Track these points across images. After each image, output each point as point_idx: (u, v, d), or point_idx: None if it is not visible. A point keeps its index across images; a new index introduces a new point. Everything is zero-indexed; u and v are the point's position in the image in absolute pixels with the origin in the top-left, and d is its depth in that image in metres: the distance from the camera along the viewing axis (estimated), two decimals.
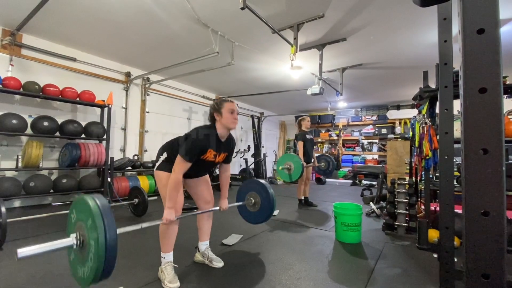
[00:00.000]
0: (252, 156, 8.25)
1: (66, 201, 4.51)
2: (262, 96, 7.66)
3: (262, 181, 2.65)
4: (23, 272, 2.01)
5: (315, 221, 3.74)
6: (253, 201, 2.62)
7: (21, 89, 3.89)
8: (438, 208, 2.42)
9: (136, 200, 3.68)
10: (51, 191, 4.12)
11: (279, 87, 6.91)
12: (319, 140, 10.77)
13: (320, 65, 4.44)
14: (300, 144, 4.63)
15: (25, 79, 4.01)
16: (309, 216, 4.05)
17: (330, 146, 10.50)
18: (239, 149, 7.94)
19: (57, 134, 4.25)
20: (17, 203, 4.09)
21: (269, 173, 10.34)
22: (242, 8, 2.67)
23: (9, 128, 3.70)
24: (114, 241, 1.20)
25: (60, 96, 4.25)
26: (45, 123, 4.03)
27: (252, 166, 8.18)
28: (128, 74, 5.57)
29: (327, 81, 5.65)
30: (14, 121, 3.73)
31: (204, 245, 2.28)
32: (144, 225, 1.74)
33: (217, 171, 6.28)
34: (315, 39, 4.14)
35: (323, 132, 10.68)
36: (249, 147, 8.10)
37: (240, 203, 2.64)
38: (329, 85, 5.72)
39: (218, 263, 2.19)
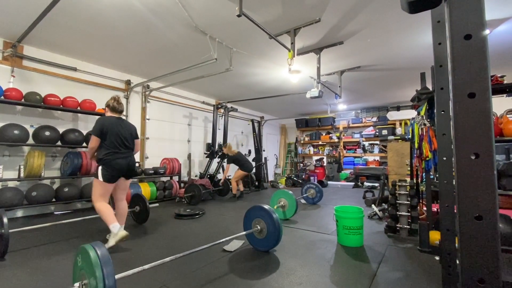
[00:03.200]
0: (253, 160, 8.25)
1: (68, 209, 4.52)
2: (262, 100, 7.69)
3: (266, 206, 2.69)
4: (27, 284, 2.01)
5: (317, 225, 3.72)
6: (259, 228, 2.67)
7: (23, 100, 3.94)
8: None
9: (138, 207, 3.68)
10: (53, 200, 4.15)
11: (278, 91, 6.94)
12: (320, 142, 10.77)
13: (318, 68, 4.47)
14: (227, 166, 6.13)
15: (26, 89, 4.06)
16: (311, 220, 4.03)
17: (331, 148, 10.49)
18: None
19: (59, 143, 4.29)
20: (19, 213, 4.10)
21: (271, 177, 10.33)
22: (239, 16, 2.70)
23: (11, 138, 3.73)
24: (112, 285, 1.37)
25: (61, 106, 4.29)
26: (47, 133, 4.07)
27: (254, 170, 8.17)
28: (128, 82, 5.63)
29: (326, 84, 5.67)
30: (16, 132, 3.77)
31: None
32: (146, 266, 1.81)
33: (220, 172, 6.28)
34: (312, 43, 4.17)
35: (324, 134, 10.69)
36: (250, 152, 8.11)
37: (247, 231, 2.70)
38: (328, 88, 5.74)
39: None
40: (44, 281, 2.04)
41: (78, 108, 4.48)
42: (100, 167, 2.75)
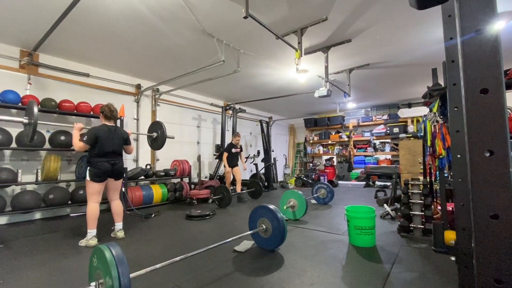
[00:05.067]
0: (262, 161, 8.26)
1: (83, 212, 4.64)
2: (270, 100, 7.69)
3: (271, 206, 2.73)
4: None
5: (328, 225, 3.69)
6: (264, 227, 2.71)
7: (39, 106, 4.08)
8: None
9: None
10: (69, 202, 4.28)
11: (286, 91, 6.93)
12: (329, 142, 10.67)
13: (326, 67, 4.43)
14: (225, 155, 5.97)
15: (42, 96, 4.21)
16: (321, 220, 4.00)
17: (341, 147, 10.37)
18: (249, 155, 7.97)
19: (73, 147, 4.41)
20: (37, 215, 4.25)
21: (280, 177, 10.30)
22: (245, 17, 2.71)
23: (29, 143, 3.87)
24: (127, 284, 1.41)
25: (75, 111, 4.43)
26: (62, 137, 4.20)
27: (263, 171, 8.17)
28: (138, 86, 5.74)
29: (334, 83, 5.62)
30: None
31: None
32: (158, 266, 1.85)
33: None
34: (319, 42, 4.15)
35: (333, 134, 10.58)
36: (258, 152, 8.11)
37: (253, 231, 2.73)
38: (337, 86, 5.68)
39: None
40: (63, 280, 2.11)
41: (91, 112, 4.61)
42: (88, 168, 3.06)
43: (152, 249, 2.82)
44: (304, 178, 8.62)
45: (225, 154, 5.95)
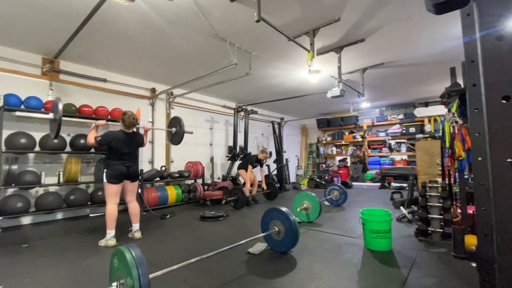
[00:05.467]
0: (274, 162, 8.25)
1: (102, 212, 4.81)
2: (282, 101, 7.66)
3: (283, 208, 2.73)
4: None
5: (342, 228, 3.64)
6: (277, 229, 2.72)
7: None
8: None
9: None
10: (89, 203, 4.44)
11: (298, 92, 6.89)
12: (343, 142, 10.51)
13: (339, 67, 4.38)
14: (249, 168, 5.79)
15: (63, 101, 4.38)
16: (335, 223, 3.95)
17: (355, 148, 10.19)
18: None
19: (92, 150, 4.59)
20: (59, 216, 4.44)
21: (292, 179, 10.25)
22: (257, 21, 2.73)
23: (51, 147, 4.07)
24: (147, 285, 1.45)
25: (94, 115, 4.60)
26: (82, 141, 4.38)
27: (275, 172, 8.16)
28: (153, 90, 5.89)
29: (347, 83, 5.53)
30: (55, 141, 4.09)
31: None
32: (174, 267, 1.91)
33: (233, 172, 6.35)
34: (332, 42, 4.11)
35: (347, 134, 10.41)
36: (270, 153, 8.10)
37: (265, 233, 2.75)
38: (350, 86, 5.60)
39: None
40: (85, 279, 2.20)
41: (109, 116, 4.77)
42: (105, 170, 3.17)
43: (167, 250, 2.88)
44: (317, 179, 8.53)
45: (250, 168, 5.74)
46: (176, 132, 4.13)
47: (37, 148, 4.05)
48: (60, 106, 2.88)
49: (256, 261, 2.54)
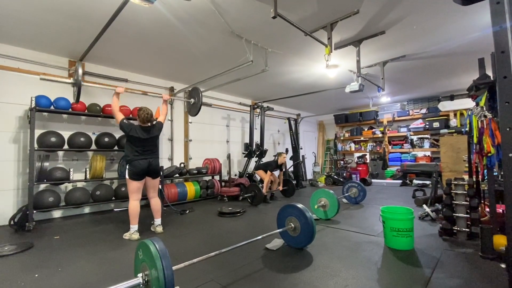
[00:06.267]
0: (290, 159, 8.21)
1: (125, 207, 5.03)
2: (298, 97, 7.59)
3: (299, 205, 2.73)
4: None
5: (361, 225, 3.58)
6: (293, 226, 2.73)
7: (86, 111, 4.50)
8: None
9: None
10: (113, 198, 4.66)
11: (315, 87, 6.79)
12: (362, 138, 10.26)
13: (358, 61, 4.26)
14: (268, 174, 5.73)
15: (88, 101, 4.62)
16: (354, 220, 3.89)
17: (374, 144, 9.91)
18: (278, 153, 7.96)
19: (116, 148, 4.80)
20: (86, 210, 4.70)
21: (309, 175, 10.16)
22: (274, 17, 2.72)
23: (78, 145, 4.30)
24: (170, 276, 1.51)
25: None
26: (106, 139, 4.59)
27: (291, 169, 8.13)
28: (172, 89, 6.04)
29: (366, 77, 5.38)
30: (82, 139, 4.32)
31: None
32: (195, 260, 1.97)
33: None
34: (350, 36, 4.00)
35: (366, 130, 10.14)
36: (287, 150, 8.08)
37: (281, 229, 2.76)
38: (369, 81, 5.44)
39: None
40: (112, 270, 2.33)
41: (130, 115, 4.95)
42: (127, 166, 3.28)
43: (187, 244, 2.97)
44: (335, 176, 8.40)
45: (268, 174, 5.68)
46: (194, 104, 4.24)
47: (65, 146, 4.30)
48: (80, 71, 3.17)
49: (273, 256, 2.57)
